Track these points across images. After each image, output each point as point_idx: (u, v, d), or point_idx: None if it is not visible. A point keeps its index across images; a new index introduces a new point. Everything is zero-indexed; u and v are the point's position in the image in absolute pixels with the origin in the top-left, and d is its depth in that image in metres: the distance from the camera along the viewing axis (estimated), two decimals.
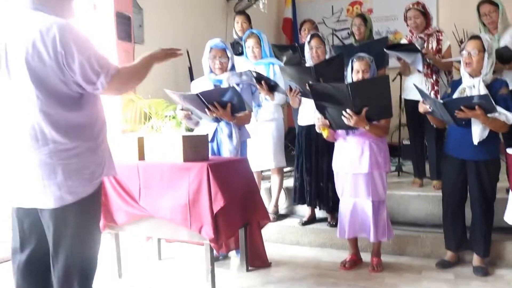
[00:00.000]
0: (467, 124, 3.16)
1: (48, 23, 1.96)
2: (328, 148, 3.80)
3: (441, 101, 3.09)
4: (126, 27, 4.60)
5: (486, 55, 3.16)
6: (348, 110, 3.15)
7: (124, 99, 4.32)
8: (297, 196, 4.23)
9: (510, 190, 2.84)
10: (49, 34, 1.94)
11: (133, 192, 3.17)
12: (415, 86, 3.41)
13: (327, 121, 3.30)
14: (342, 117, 3.18)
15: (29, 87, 1.98)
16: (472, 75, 3.20)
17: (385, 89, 3.13)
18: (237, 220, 3.18)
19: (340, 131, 3.42)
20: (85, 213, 2.14)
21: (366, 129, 3.23)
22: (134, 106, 4.34)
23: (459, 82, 3.34)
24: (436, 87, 4.19)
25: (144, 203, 3.14)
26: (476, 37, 3.24)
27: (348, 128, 3.30)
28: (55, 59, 1.96)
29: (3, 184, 2.15)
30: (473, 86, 3.16)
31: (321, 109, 3.27)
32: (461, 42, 6.35)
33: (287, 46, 5.50)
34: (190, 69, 5.36)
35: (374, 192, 3.38)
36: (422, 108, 3.27)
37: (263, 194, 4.52)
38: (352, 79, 3.41)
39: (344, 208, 3.48)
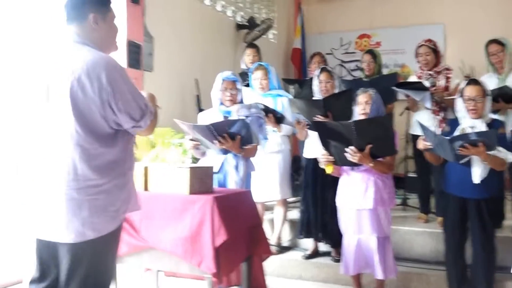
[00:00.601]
0: (468, 162, 3.15)
1: (95, 59, 1.99)
2: (334, 181, 3.77)
3: (447, 137, 3.07)
4: (136, 55, 4.64)
5: (487, 98, 3.19)
6: (352, 147, 3.15)
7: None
8: (303, 229, 4.18)
9: None
10: (96, 70, 1.97)
11: (134, 222, 3.13)
12: (417, 121, 3.40)
13: (331, 158, 3.30)
14: (346, 154, 3.17)
15: (69, 120, 1.98)
16: (474, 118, 3.21)
17: (389, 127, 3.16)
18: (240, 254, 3.13)
19: (345, 167, 3.40)
20: (103, 251, 2.11)
21: (370, 166, 3.21)
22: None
23: (456, 121, 3.34)
24: (443, 124, 4.18)
25: (145, 234, 3.09)
26: (476, 83, 3.25)
27: (352, 165, 3.29)
28: (99, 95, 1.97)
29: (26, 213, 2.14)
30: (474, 126, 3.16)
31: (325, 145, 3.27)
32: (468, 77, 6.37)
33: (297, 81, 5.53)
34: (198, 97, 5.38)
35: (379, 228, 3.34)
36: (422, 145, 3.24)
37: (266, 225, 4.49)
38: (356, 112, 3.43)
39: (348, 245, 3.43)
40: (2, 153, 3.70)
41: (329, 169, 3.36)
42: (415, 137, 4.46)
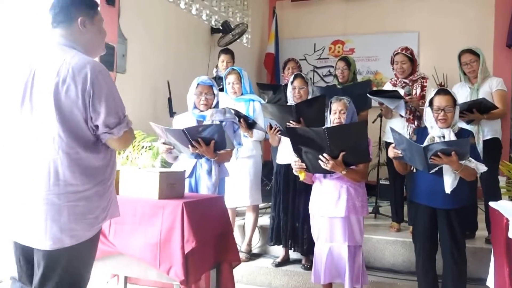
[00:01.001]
0: (438, 172, 3.12)
1: (81, 62, 1.99)
2: (305, 188, 3.74)
3: (422, 145, 3.04)
4: (110, 56, 4.58)
5: (456, 108, 3.17)
6: (325, 154, 3.11)
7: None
8: (273, 236, 4.12)
9: (492, 252, 2.80)
10: (81, 73, 1.97)
11: (103, 227, 3.04)
12: (390, 128, 3.37)
13: (303, 164, 3.26)
14: (319, 161, 3.14)
15: (52, 124, 1.97)
16: (443, 127, 3.19)
17: (362, 134, 3.12)
18: (209, 261, 3.08)
19: (317, 174, 3.37)
20: (79, 258, 2.09)
21: (343, 174, 3.19)
22: None
23: (424, 130, 3.31)
24: None
25: (113, 239, 3.01)
26: (445, 92, 3.22)
27: (325, 172, 3.26)
28: (82, 98, 1.97)
29: (4, 215, 2.11)
30: (442, 136, 3.14)
31: (298, 152, 3.23)
32: (441, 85, 6.46)
33: (273, 86, 5.52)
34: (170, 100, 5.30)
35: (350, 236, 3.29)
36: (393, 152, 3.20)
37: (237, 231, 4.43)
38: (330, 120, 3.39)
39: (320, 253, 3.39)
40: None
41: (301, 176, 3.32)
42: (388, 145, 4.44)
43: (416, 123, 4.24)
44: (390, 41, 6.76)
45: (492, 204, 2.78)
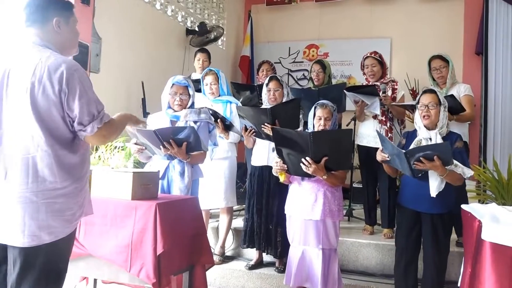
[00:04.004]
0: (424, 176, 3.13)
1: (57, 62, 2.00)
2: (280, 190, 3.73)
3: (403, 151, 3.05)
4: (83, 56, 4.51)
5: (442, 108, 3.19)
6: (307, 158, 3.11)
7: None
8: (247, 238, 4.10)
9: (464, 255, 2.82)
10: (57, 72, 1.98)
11: None
12: (377, 132, 3.39)
13: (285, 166, 3.25)
14: (301, 164, 3.13)
15: (30, 122, 1.98)
16: (429, 127, 3.20)
17: (347, 141, 3.17)
18: (181, 263, 3.03)
19: (295, 176, 3.36)
20: (56, 255, 2.09)
21: (324, 179, 3.19)
22: None
23: (413, 133, 3.34)
24: (390, 134, 4.25)
25: (83, 240, 2.94)
26: (431, 91, 3.27)
27: (305, 175, 3.25)
28: (58, 96, 1.98)
29: None
30: (429, 138, 3.16)
31: (280, 153, 3.23)
32: (413, 90, 6.56)
33: (247, 86, 5.50)
34: (144, 101, 5.24)
35: (325, 240, 3.28)
36: (380, 156, 3.22)
37: (210, 233, 4.39)
38: (314, 126, 3.39)
39: (293, 255, 3.37)
40: None
41: (281, 177, 3.32)
42: (361, 148, 4.50)
43: (388, 124, 4.31)
44: (363, 47, 6.77)
45: (464, 206, 2.80)
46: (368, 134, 4.39)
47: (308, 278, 3.33)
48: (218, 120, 3.88)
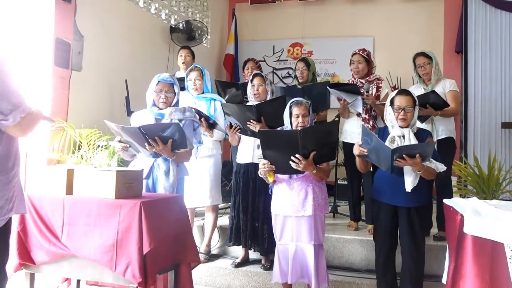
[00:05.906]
0: (399, 171, 3.19)
1: None
2: (265, 188, 3.73)
3: (391, 147, 3.07)
4: (65, 53, 4.43)
5: (416, 108, 3.25)
6: (297, 155, 3.14)
7: (54, 127, 4.09)
8: (233, 236, 4.09)
9: (447, 247, 2.86)
10: None
11: (55, 229, 2.94)
12: (362, 126, 3.40)
13: (273, 166, 3.25)
14: (290, 162, 3.15)
15: None
16: (403, 126, 3.26)
17: (334, 133, 3.24)
18: (167, 262, 3.02)
19: (281, 175, 3.37)
20: None
21: (313, 173, 3.21)
22: (64, 135, 4.11)
23: (385, 130, 3.37)
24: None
25: (66, 241, 2.91)
26: (406, 93, 3.29)
27: (294, 172, 3.27)
28: None
29: None
30: (402, 136, 3.21)
31: (267, 154, 3.24)
32: (395, 88, 6.62)
33: (231, 84, 5.50)
34: (127, 99, 5.21)
35: (316, 235, 3.31)
36: (358, 150, 3.24)
37: (196, 232, 4.37)
38: (292, 123, 3.39)
39: (284, 253, 3.38)
40: None
41: (270, 179, 3.31)
42: (346, 145, 4.52)
43: (371, 122, 4.35)
44: (346, 45, 6.88)
45: (446, 201, 2.85)
46: (352, 131, 4.42)
47: (302, 274, 3.36)
48: (202, 119, 3.88)
